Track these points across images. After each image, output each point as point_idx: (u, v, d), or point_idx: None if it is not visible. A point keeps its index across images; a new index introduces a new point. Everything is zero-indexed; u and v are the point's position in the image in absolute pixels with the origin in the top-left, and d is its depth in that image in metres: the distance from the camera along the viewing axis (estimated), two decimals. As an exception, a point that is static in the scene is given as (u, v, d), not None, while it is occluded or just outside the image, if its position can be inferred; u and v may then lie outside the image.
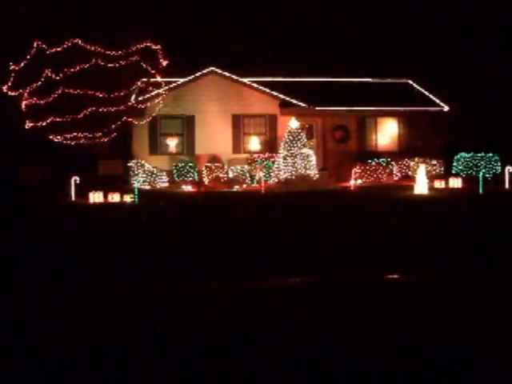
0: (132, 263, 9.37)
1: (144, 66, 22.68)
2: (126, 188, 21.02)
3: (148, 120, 24.34)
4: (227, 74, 25.75)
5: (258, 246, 10.68)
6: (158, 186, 22.92)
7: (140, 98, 24.16)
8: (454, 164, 24.91)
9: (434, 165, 25.25)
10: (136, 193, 19.00)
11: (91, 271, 8.83)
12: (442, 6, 41.79)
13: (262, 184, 22.13)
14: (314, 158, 23.25)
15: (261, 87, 25.89)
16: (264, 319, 6.11)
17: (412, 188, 20.75)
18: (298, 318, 6.10)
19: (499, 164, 23.94)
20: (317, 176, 23.06)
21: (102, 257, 9.92)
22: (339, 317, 6.16)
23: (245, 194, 21.53)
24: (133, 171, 23.23)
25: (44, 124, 22.13)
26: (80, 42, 21.86)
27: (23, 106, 22.11)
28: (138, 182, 22.13)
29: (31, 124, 22.19)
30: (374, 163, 24.78)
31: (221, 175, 23.99)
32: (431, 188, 21.45)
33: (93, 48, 22.05)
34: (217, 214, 15.80)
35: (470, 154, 24.50)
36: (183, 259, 9.61)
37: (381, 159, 25.43)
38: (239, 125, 25.89)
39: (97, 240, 11.70)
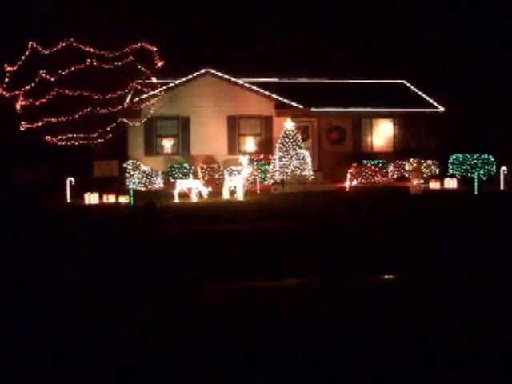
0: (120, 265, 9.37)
1: (139, 66, 22.65)
2: (121, 189, 20.97)
3: (143, 121, 24.33)
4: (222, 75, 25.73)
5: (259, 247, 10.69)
6: (154, 187, 22.88)
7: (135, 99, 24.13)
8: (450, 165, 24.96)
9: (429, 166, 25.31)
10: (131, 194, 18.97)
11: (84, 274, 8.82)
12: (438, 6, 41.91)
13: (258, 185, 22.13)
14: (309, 159, 23.25)
15: (256, 88, 25.89)
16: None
17: (407, 189, 20.77)
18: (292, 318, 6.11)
19: (494, 165, 23.99)
20: (312, 177, 23.06)
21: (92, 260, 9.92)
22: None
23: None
24: (128, 172, 23.18)
25: (39, 125, 22.06)
26: (75, 42, 21.81)
27: (18, 108, 22.03)
28: (134, 183, 22.09)
29: (27, 125, 22.11)
30: (369, 164, 24.80)
31: (216, 176, 23.98)
32: (426, 189, 21.49)
33: (88, 49, 22.00)
34: (209, 214, 15.79)
35: (465, 155, 24.55)
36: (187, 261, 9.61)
37: (376, 160, 25.47)
38: (234, 126, 25.89)
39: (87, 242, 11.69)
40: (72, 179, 20.07)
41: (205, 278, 8.21)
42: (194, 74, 25.54)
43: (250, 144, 26.11)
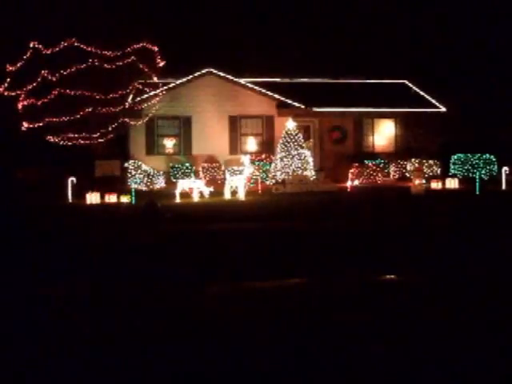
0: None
1: (141, 66, 22.65)
2: (122, 189, 20.98)
3: (145, 121, 24.34)
4: (224, 75, 25.74)
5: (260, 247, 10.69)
6: (155, 187, 22.88)
7: (137, 99, 24.13)
8: (451, 165, 24.94)
9: (431, 166, 25.30)
10: (133, 194, 18.97)
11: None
12: (440, 6, 41.89)
13: (259, 185, 22.13)
14: (310, 159, 23.26)
15: (258, 88, 25.89)
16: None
17: (408, 189, 20.77)
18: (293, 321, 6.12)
19: (496, 165, 23.98)
20: (314, 177, 23.06)
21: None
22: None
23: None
24: (130, 172, 23.19)
25: (41, 125, 22.07)
26: (76, 42, 21.82)
27: (20, 107, 22.04)
28: (135, 182, 22.12)
29: (29, 125, 22.12)
30: (370, 164, 24.80)
31: (218, 176, 23.99)
32: (428, 189, 21.48)
33: (89, 49, 22.01)
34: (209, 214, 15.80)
35: (466, 155, 24.53)
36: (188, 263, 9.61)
37: (377, 160, 25.46)
38: (236, 125, 25.90)
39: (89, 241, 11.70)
40: (73, 179, 20.08)
41: (205, 279, 8.21)
42: (196, 74, 25.55)
43: (251, 144, 26.11)
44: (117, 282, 8.13)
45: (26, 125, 22.20)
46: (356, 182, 23.60)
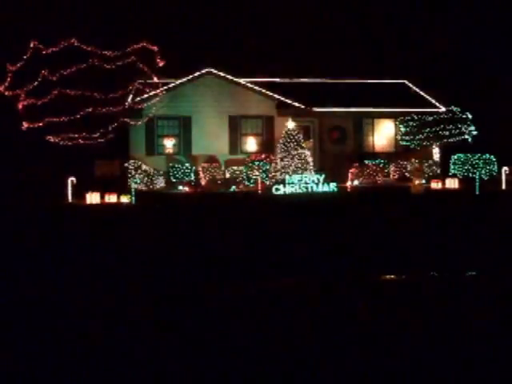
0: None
1: (141, 66, 22.64)
2: (122, 189, 20.97)
3: (145, 121, 24.32)
4: (224, 75, 25.73)
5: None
6: (155, 187, 22.87)
7: (137, 99, 24.12)
8: (451, 165, 24.90)
9: (431, 165, 25.27)
10: (133, 194, 18.98)
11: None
12: (440, 6, 41.89)
13: (259, 185, 22.13)
14: (310, 159, 23.26)
15: (258, 88, 25.88)
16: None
17: (408, 189, 20.78)
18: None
19: (496, 165, 23.95)
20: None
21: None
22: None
23: (241, 194, 21.53)
24: (130, 172, 23.17)
25: (41, 125, 22.07)
26: (76, 42, 21.80)
27: (20, 107, 22.03)
28: (135, 182, 22.11)
29: (28, 125, 22.11)
30: (370, 164, 24.77)
31: (218, 176, 23.98)
32: (428, 189, 21.49)
33: (89, 48, 21.99)
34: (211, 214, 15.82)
35: (466, 155, 24.48)
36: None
37: (377, 160, 25.43)
38: (236, 125, 25.88)
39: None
40: (73, 179, 20.09)
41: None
42: (196, 74, 25.55)
43: (251, 144, 26.10)
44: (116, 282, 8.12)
45: (25, 125, 22.19)
46: (356, 182, 23.60)
